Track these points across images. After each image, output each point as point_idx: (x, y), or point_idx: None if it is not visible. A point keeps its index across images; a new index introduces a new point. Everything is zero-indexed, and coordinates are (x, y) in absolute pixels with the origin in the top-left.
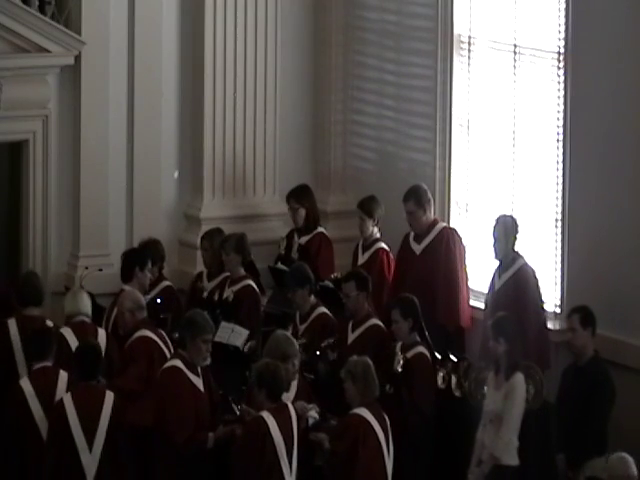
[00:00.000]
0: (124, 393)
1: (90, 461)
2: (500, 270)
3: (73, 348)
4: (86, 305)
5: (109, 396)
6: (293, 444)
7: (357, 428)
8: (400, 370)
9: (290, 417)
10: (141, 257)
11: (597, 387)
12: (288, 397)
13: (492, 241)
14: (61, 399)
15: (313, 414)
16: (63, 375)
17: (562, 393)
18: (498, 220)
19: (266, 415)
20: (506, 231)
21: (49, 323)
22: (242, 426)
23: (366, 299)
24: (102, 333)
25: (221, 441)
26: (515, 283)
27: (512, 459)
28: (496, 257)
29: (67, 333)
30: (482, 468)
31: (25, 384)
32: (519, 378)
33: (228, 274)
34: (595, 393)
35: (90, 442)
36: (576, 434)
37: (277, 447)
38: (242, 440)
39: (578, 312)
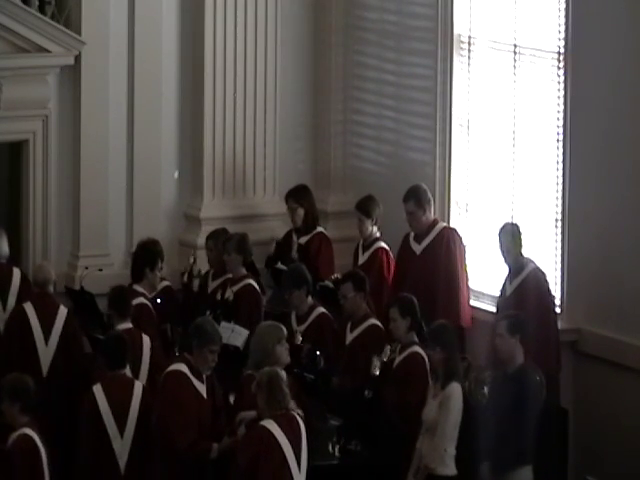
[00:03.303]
0: None
1: (122, 447)
2: (510, 276)
3: None
4: (6, 247)
5: (138, 385)
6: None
7: (260, 441)
8: (377, 374)
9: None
10: (151, 258)
11: (524, 396)
12: None
13: (499, 248)
14: (91, 389)
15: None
16: (138, 386)
17: (489, 400)
18: (500, 228)
19: (29, 431)
20: (507, 237)
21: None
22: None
23: (364, 299)
24: (17, 273)
25: (225, 452)
26: (526, 289)
27: (448, 469)
28: (506, 264)
29: None
30: (417, 478)
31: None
32: (455, 387)
33: (230, 275)
34: (521, 402)
35: (121, 429)
36: (501, 443)
37: (43, 459)
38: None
39: (506, 319)
